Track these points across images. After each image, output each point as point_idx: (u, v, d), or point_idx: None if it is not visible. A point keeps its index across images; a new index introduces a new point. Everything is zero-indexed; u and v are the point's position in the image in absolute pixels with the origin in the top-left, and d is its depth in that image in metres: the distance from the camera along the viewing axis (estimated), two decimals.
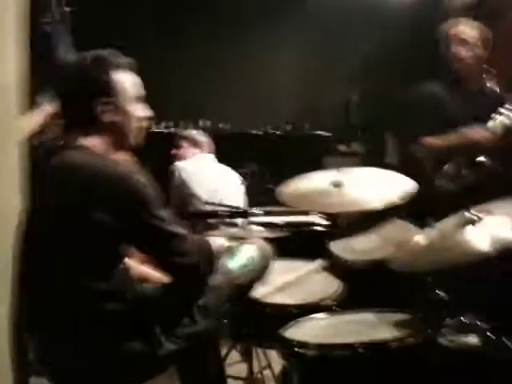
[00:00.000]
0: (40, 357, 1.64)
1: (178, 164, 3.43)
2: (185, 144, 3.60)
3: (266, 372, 2.48)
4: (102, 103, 1.63)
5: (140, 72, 1.73)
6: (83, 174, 1.56)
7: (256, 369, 2.44)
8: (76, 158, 1.60)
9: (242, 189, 3.44)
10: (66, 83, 1.69)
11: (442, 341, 1.80)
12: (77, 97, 1.65)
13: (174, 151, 3.62)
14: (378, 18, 4.58)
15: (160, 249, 1.62)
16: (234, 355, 2.65)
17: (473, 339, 1.84)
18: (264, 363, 2.48)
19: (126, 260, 1.78)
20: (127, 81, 1.69)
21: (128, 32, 4.28)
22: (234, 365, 2.64)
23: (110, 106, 1.64)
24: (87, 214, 1.52)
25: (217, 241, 1.90)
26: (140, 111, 1.72)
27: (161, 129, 4.64)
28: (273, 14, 4.67)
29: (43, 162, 1.66)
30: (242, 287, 1.83)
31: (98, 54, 1.68)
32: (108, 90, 1.64)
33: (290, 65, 4.72)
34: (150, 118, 1.77)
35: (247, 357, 2.39)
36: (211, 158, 3.59)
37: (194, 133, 3.71)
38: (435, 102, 2.87)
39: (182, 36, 4.53)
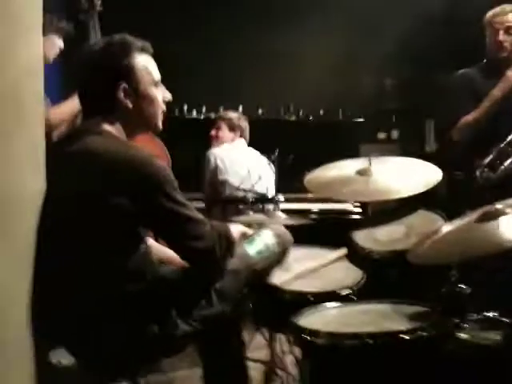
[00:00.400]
0: (59, 337, 1.69)
1: (213, 150, 3.50)
2: (223, 126, 3.62)
3: (288, 357, 2.50)
4: (123, 88, 1.65)
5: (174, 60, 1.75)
6: (104, 158, 1.59)
7: (279, 353, 2.47)
8: (97, 143, 1.63)
9: (272, 175, 3.44)
10: (88, 67, 1.71)
11: (463, 335, 1.77)
12: (98, 81, 1.67)
13: (212, 132, 3.65)
14: (411, 2, 4.44)
15: (175, 232, 1.65)
16: (258, 339, 2.69)
17: (495, 335, 1.80)
18: (286, 348, 2.49)
19: (150, 241, 1.83)
20: (148, 65, 1.71)
21: (155, 23, 4.33)
22: (258, 349, 2.68)
23: (132, 90, 1.67)
24: (107, 198, 1.55)
25: (239, 227, 1.90)
26: (160, 95, 1.74)
27: (197, 115, 4.67)
28: (302, 3, 4.62)
29: (62, 147, 1.70)
30: (259, 273, 1.84)
31: (117, 39, 1.69)
32: (129, 75, 1.66)
33: (322, 50, 4.65)
34: (169, 102, 1.79)
35: (270, 341, 2.42)
36: (244, 144, 3.61)
37: (234, 116, 3.68)
38: (472, 88, 2.88)
39: (213, 31, 4.57)
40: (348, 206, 3.74)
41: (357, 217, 3.64)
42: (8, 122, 1.48)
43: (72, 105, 2.50)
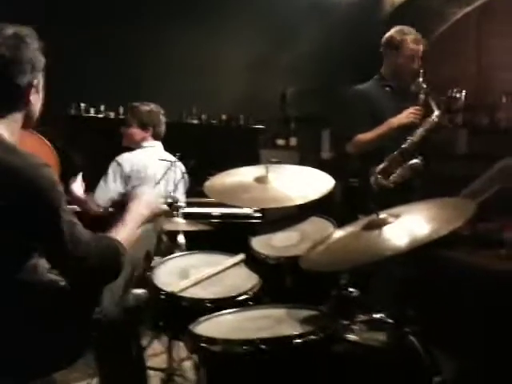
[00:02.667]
0: None
1: (128, 156, 3.31)
2: (133, 123, 3.40)
3: (187, 363, 2.51)
4: (27, 82, 1.57)
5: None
6: None
7: (177, 360, 2.47)
8: None
9: (183, 182, 3.40)
10: None
11: (352, 336, 1.87)
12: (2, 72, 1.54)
13: (122, 129, 3.44)
14: (317, 14, 4.62)
15: (59, 251, 1.56)
16: (156, 346, 2.68)
17: (381, 335, 1.91)
18: (184, 354, 2.50)
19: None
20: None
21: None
22: (156, 356, 2.67)
23: (34, 86, 1.60)
24: None
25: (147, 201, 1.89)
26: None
27: (101, 114, 4.54)
28: (212, 7, 4.63)
29: None
30: None
31: (24, 31, 1.58)
32: (36, 69, 1.59)
33: (229, 55, 4.72)
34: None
35: (168, 348, 2.41)
36: (159, 147, 3.46)
37: (146, 110, 3.40)
38: (370, 107, 3.02)
39: (112, 28, 4.44)
40: (248, 211, 3.82)
41: (257, 221, 3.73)
42: None
43: None
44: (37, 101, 1.65)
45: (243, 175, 2.42)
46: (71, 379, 2.53)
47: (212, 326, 1.73)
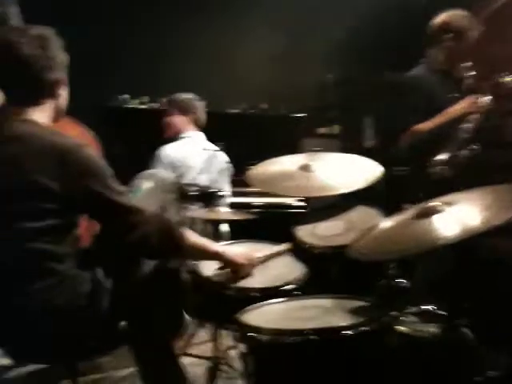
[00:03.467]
0: None
1: (167, 149, 3.33)
2: (174, 111, 3.43)
3: (232, 352, 2.51)
4: (55, 77, 1.71)
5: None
6: (31, 143, 1.60)
7: (223, 349, 2.47)
8: (23, 129, 1.64)
9: (226, 171, 3.39)
10: (17, 57, 1.67)
11: (402, 328, 1.83)
12: (29, 72, 1.67)
13: (164, 119, 3.47)
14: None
15: (110, 219, 1.67)
16: (202, 335, 2.70)
17: (432, 327, 1.87)
18: (230, 343, 2.50)
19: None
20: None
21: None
22: (201, 344, 2.68)
23: (61, 80, 1.74)
24: (36, 182, 1.56)
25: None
26: None
27: (142, 105, 4.58)
28: None
29: None
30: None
31: (46, 31, 1.72)
32: (62, 66, 1.74)
33: (267, 44, 4.66)
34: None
35: (213, 336, 2.42)
36: (200, 137, 3.46)
37: (186, 98, 3.46)
38: (426, 92, 2.93)
39: (153, 23, 4.50)
40: (291, 200, 3.79)
41: (299, 211, 3.69)
42: None
43: None
44: (64, 95, 1.79)
45: (286, 164, 2.39)
46: (117, 366, 2.58)
47: (259, 315, 1.72)
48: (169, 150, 3.31)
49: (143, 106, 4.56)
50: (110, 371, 2.58)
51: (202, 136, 3.47)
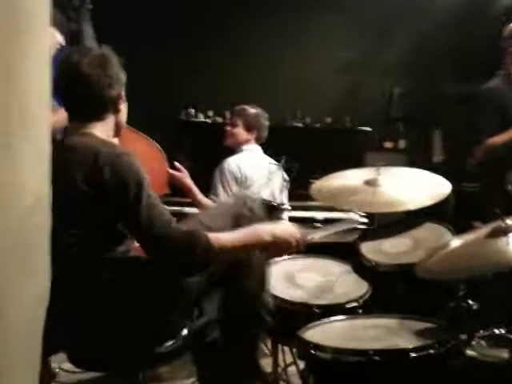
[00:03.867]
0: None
1: (228, 161, 3.31)
2: (239, 123, 3.40)
3: (291, 368, 2.46)
4: (115, 94, 1.77)
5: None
6: (84, 152, 1.66)
7: (282, 364, 2.44)
8: (80, 140, 1.71)
9: (285, 185, 3.37)
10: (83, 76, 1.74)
11: (471, 352, 1.74)
12: (93, 90, 1.75)
13: (227, 127, 3.45)
14: (423, 10, 4.42)
15: (136, 231, 1.67)
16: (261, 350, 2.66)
17: (504, 353, 1.76)
18: (289, 359, 2.46)
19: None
20: None
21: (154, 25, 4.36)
22: (260, 359, 2.65)
23: (120, 96, 1.80)
24: (87, 193, 1.61)
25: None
26: None
27: (209, 119, 4.65)
28: (311, 6, 4.58)
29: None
30: None
31: (106, 51, 1.80)
32: (120, 83, 1.81)
33: (331, 57, 4.64)
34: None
35: (273, 352, 2.39)
36: (259, 151, 3.45)
37: (253, 113, 3.40)
38: (500, 103, 2.83)
39: (217, 34, 4.56)
40: (353, 216, 3.72)
41: (361, 227, 3.61)
42: (12, 122, 1.46)
43: None
44: (123, 110, 1.85)
45: (351, 178, 2.35)
46: (178, 377, 2.59)
47: (321, 333, 1.68)
48: (233, 163, 3.33)
49: (208, 120, 4.62)
50: (171, 381, 2.60)
51: (260, 150, 3.49)
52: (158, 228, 1.63)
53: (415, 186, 2.24)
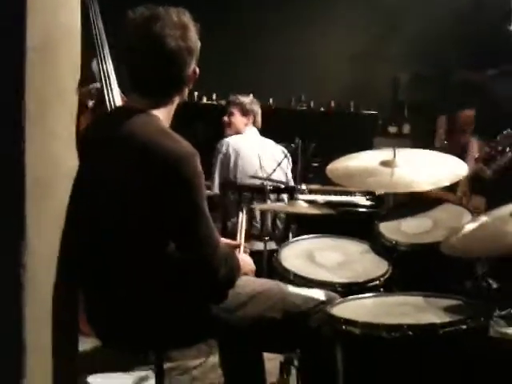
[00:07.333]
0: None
1: (226, 139, 3.47)
2: (235, 111, 3.56)
3: None
4: (192, 71, 1.60)
5: None
6: (144, 148, 1.50)
7: None
8: (143, 129, 1.53)
9: (286, 165, 3.42)
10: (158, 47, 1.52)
11: (490, 331, 1.77)
12: (176, 63, 1.55)
13: (225, 118, 3.59)
14: None
15: (188, 245, 1.55)
16: None
17: None
18: None
19: None
20: None
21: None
22: None
23: (196, 72, 1.62)
24: (142, 188, 1.50)
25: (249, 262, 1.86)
26: None
27: (210, 101, 4.62)
28: None
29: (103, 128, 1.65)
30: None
31: (185, 17, 1.59)
32: (197, 55, 1.62)
33: (337, 42, 4.64)
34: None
35: None
36: (256, 132, 3.58)
37: (246, 100, 3.58)
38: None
39: (225, 20, 4.51)
40: (360, 200, 3.75)
41: (367, 210, 3.64)
42: (47, 89, 1.46)
43: None
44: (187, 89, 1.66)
45: (367, 159, 2.35)
46: (187, 356, 2.59)
47: (348, 309, 1.68)
48: (231, 141, 3.44)
49: (212, 102, 4.60)
50: (181, 361, 2.60)
51: (257, 132, 3.59)
52: (206, 247, 1.52)
53: (432, 167, 2.25)
